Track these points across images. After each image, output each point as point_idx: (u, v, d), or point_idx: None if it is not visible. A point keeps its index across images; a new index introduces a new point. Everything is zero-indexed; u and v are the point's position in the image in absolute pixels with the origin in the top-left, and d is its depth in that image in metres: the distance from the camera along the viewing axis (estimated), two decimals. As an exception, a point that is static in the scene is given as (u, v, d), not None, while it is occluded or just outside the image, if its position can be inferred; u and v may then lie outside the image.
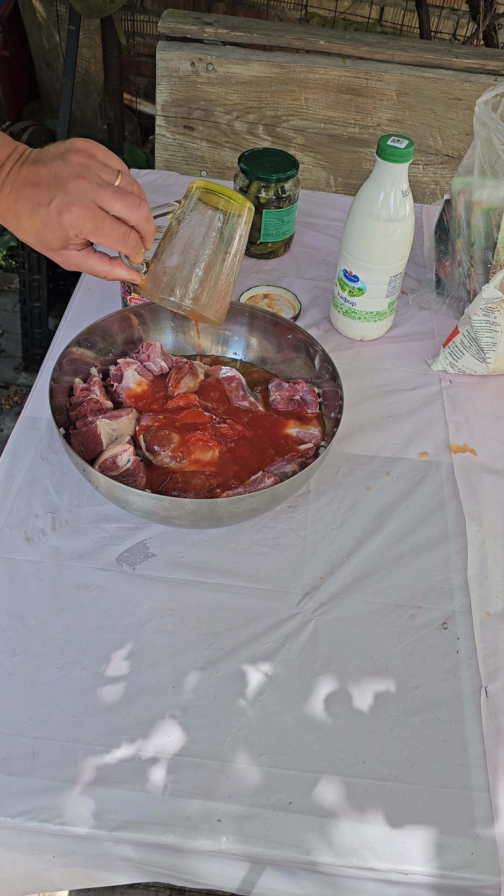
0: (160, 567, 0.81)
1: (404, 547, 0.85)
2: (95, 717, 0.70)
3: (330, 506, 0.89)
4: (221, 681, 0.73)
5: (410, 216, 0.98)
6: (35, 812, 0.64)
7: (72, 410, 0.86)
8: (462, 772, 0.69)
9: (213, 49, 1.59)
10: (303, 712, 0.71)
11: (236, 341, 0.98)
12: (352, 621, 0.78)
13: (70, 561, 0.81)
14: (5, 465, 0.89)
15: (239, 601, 0.79)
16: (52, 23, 2.46)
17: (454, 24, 2.49)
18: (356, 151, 1.67)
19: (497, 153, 0.98)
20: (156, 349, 0.94)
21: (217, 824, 0.64)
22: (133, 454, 0.82)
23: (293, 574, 0.82)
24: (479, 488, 0.91)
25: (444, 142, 1.64)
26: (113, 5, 2.10)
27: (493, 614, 0.80)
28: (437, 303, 1.16)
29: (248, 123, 1.65)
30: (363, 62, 1.59)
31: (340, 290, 1.06)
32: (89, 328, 0.90)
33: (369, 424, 0.98)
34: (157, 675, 0.73)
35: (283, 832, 0.64)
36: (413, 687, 0.74)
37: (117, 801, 0.65)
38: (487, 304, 0.97)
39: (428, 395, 1.03)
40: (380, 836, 0.65)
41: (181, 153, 1.69)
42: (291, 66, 1.58)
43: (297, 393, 0.92)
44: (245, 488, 0.81)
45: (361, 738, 0.70)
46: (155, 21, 2.58)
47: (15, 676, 0.72)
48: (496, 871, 0.63)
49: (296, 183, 1.18)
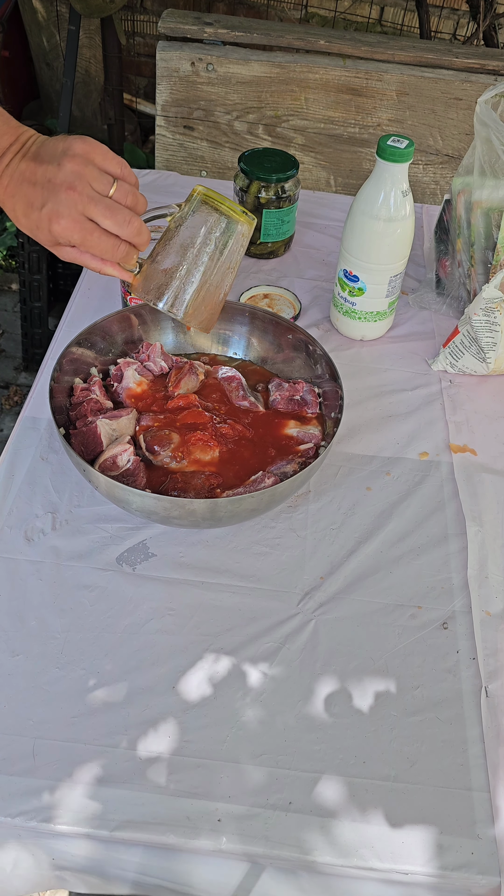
0: (160, 567, 0.81)
1: (404, 547, 0.85)
2: (95, 717, 0.70)
3: (330, 506, 0.88)
4: (221, 681, 0.73)
5: (410, 216, 0.98)
6: (35, 812, 0.64)
7: (72, 410, 0.86)
8: (462, 772, 0.69)
9: (213, 49, 1.59)
10: (303, 712, 0.71)
11: (236, 341, 0.98)
12: (352, 621, 0.78)
13: (70, 561, 0.81)
14: (5, 465, 0.89)
15: (239, 601, 0.79)
16: (52, 23, 2.46)
17: (454, 24, 2.49)
18: (356, 151, 1.67)
19: (497, 153, 0.98)
20: (156, 349, 0.94)
21: (217, 824, 0.64)
22: (133, 454, 0.82)
23: (293, 574, 0.82)
24: (479, 488, 0.91)
25: (444, 142, 1.64)
26: (113, 5, 2.10)
27: (493, 614, 0.80)
28: (437, 303, 1.16)
29: (248, 123, 1.65)
30: (363, 62, 1.59)
31: (340, 290, 1.06)
32: (89, 328, 0.90)
33: (369, 424, 0.98)
34: (157, 675, 0.73)
35: (283, 832, 0.64)
36: (413, 687, 0.74)
37: (117, 801, 0.65)
38: (487, 304, 0.97)
39: (428, 395, 1.03)
40: (380, 836, 0.65)
41: (181, 153, 1.69)
42: (291, 66, 1.58)
43: (297, 393, 0.92)
44: (245, 488, 0.81)
45: (361, 738, 0.70)
46: (155, 21, 2.58)
47: (15, 676, 0.72)
48: (496, 871, 0.63)
49: (296, 183, 1.18)
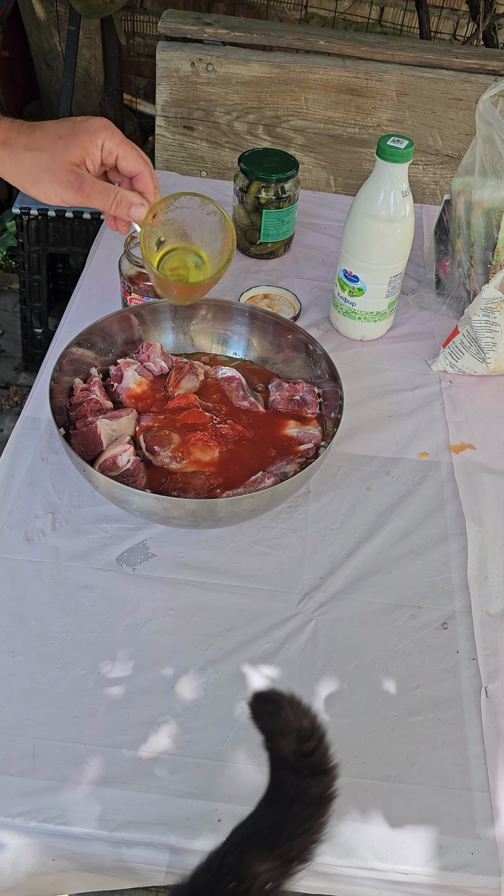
0: (160, 567, 0.81)
1: (404, 547, 0.85)
2: (95, 717, 0.70)
3: (330, 506, 0.88)
4: (221, 681, 0.73)
5: (410, 216, 0.98)
6: (35, 812, 0.64)
7: (72, 410, 0.86)
8: (462, 772, 0.69)
9: (213, 49, 1.59)
10: (303, 712, 0.71)
11: (236, 341, 0.98)
12: (352, 621, 0.78)
13: (70, 561, 0.81)
14: (5, 465, 0.89)
15: (239, 601, 0.79)
16: (52, 23, 2.46)
17: (454, 24, 2.49)
18: (356, 151, 1.67)
19: (499, 152, 0.97)
20: (156, 349, 0.94)
21: (217, 824, 0.64)
22: (133, 454, 0.82)
23: (293, 574, 0.82)
24: (479, 488, 0.91)
25: (444, 142, 1.64)
26: (113, 5, 2.10)
27: (493, 614, 0.80)
28: (437, 303, 1.16)
29: (248, 124, 1.65)
30: (363, 62, 1.59)
31: (340, 290, 1.06)
32: (89, 328, 0.90)
33: (369, 424, 0.98)
34: (157, 675, 0.73)
35: (283, 832, 0.64)
36: (413, 687, 0.74)
37: (117, 801, 0.65)
38: (487, 304, 0.97)
39: (428, 395, 1.03)
40: (380, 836, 0.65)
41: (181, 153, 1.69)
42: (291, 66, 1.58)
43: (297, 393, 0.92)
44: (245, 488, 0.81)
45: (361, 738, 0.70)
46: (155, 21, 2.58)
47: (15, 676, 0.72)
48: (496, 871, 0.63)
49: (296, 183, 1.18)
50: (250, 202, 1.17)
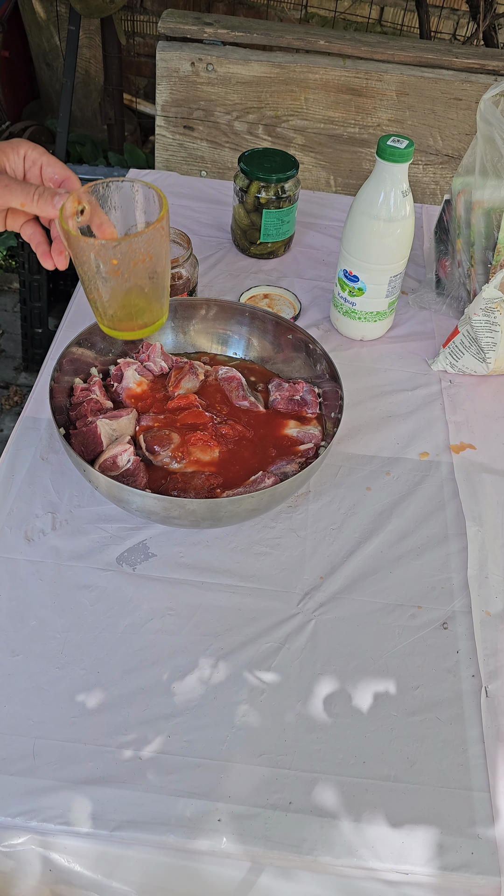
0: (160, 567, 0.81)
1: (404, 547, 0.85)
2: (95, 717, 0.70)
3: (330, 506, 0.89)
4: (221, 681, 0.73)
5: (410, 216, 0.98)
6: (35, 812, 0.64)
7: (72, 410, 0.86)
8: (462, 772, 0.69)
9: (213, 49, 1.59)
10: (303, 712, 0.71)
11: (236, 341, 0.98)
12: (352, 621, 0.78)
13: (70, 561, 0.81)
14: (5, 465, 0.89)
15: (239, 601, 0.79)
16: (52, 23, 2.46)
17: (454, 24, 2.50)
18: (356, 151, 1.67)
19: (499, 152, 0.97)
20: (156, 349, 0.94)
21: (217, 824, 0.64)
22: (133, 454, 0.82)
23: (293, 574, 0.82)
24: (479, 488, 0.91)
25: (444, 142, 1.64)
26: (113, 5, 2.10)
27: (493, 614, 0.80)
28: (437, 303, 1.16)
29: (248, 123, 1.65)
30: (363, 62, 1.59)
31: (340, 290, 1.06)
32: (89, 328, 0.90)
33: (369, 424, 0.98)
34: (158, 675, 0.73)
35: (283, 832, 0.64)
36: (413, 687, 0.74)
37: (117, 801, 0.65)
38: (487, 304, 0.97)
39: (428, 395, 1.03)
40: (380, 836, 0.65)
41: (181, 153, 1.70)
42: (291, 66, 1.58)
43: (297, 393, 0.92)
44: (245, 488, 0.81)
45: (361, 738, 0.70)
46: (155, 21, 2.58)
47: (15, 676, 0.72)
48: (496, 871, 0.63)
49: (296, 183, 1.18)
50: (250, 202, 1.17)
